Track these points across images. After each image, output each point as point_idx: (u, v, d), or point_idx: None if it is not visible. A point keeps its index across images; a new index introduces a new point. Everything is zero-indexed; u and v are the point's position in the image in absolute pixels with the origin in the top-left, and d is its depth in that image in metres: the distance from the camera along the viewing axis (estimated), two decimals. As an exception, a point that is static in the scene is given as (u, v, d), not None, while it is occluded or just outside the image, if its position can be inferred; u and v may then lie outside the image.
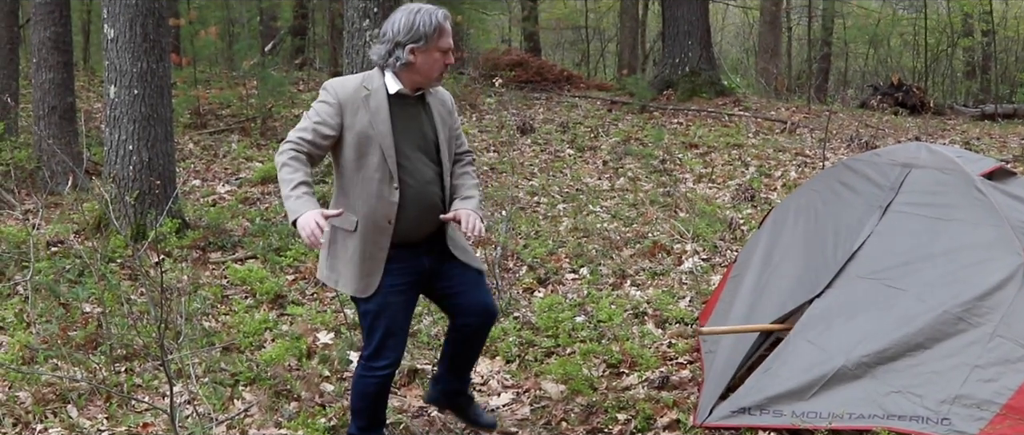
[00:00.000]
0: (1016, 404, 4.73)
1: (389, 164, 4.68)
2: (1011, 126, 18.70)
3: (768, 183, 12.22)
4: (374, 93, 4.71)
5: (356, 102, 4.67)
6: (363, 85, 4.72)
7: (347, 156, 4.69)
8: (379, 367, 4.84)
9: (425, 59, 4.69)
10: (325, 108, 4.65)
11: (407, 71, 4.72)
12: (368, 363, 4.87)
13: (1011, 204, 5.49)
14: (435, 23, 4.66)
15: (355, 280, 4.76)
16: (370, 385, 4.90)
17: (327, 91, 4.70)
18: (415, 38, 4.64)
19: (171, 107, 9.33)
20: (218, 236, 9.14)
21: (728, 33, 38.39)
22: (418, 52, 4.66)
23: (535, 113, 16.75)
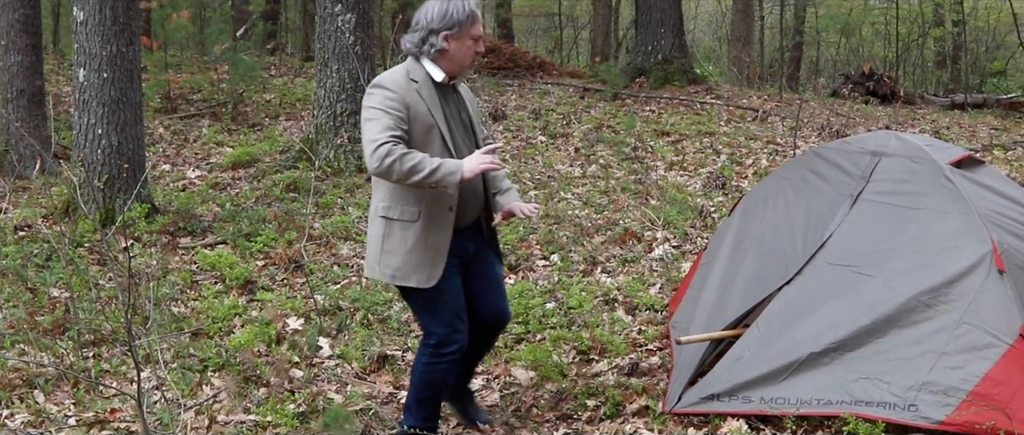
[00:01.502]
0: (982, 391, 4.75)
1: (451, 150, 4.72)
2: (980, 115, 18.81)
3: (739, 171, 12.25)
4: (422, 83, 4.74)
5: (410, 93, 4.68)
6: (410, 77, 4.73)
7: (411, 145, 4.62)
8: (450, 352, 4.86)
9: (458, 46, 4.73)
10: (391, 102, 4.60)
11: (442, 58, 4.75)
12: (438, 350, 4.86)
13: (979, 192, 5.52)
14: (468, 10, 4.70)
15: (419, 270, 4.74)
16: (440, 372, 4.92)
17: (383, 87, 4.65)
18: (449, 25, 4.68)
19: (141, 91, 9.26)
20: (188, 221, 9.09)
21: (701, 21, 38.46)
22: (452, 39, 4.70)
23: (507, 100, 16.72)
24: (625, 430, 5.30)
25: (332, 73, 10.82)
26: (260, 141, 12.75)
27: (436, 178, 4.49)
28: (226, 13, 22.10)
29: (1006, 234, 5.23)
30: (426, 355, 4.90)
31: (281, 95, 15.97)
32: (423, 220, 4.70)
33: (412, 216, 4.70)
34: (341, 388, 5.92)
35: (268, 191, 10.37)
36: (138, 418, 5.27)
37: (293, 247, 8.31)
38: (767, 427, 5.14)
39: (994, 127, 16.85)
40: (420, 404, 5.00)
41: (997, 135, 15.75)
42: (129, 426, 5.39)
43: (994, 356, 4.83)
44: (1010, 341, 4.84)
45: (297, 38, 23.80)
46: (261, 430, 5.35)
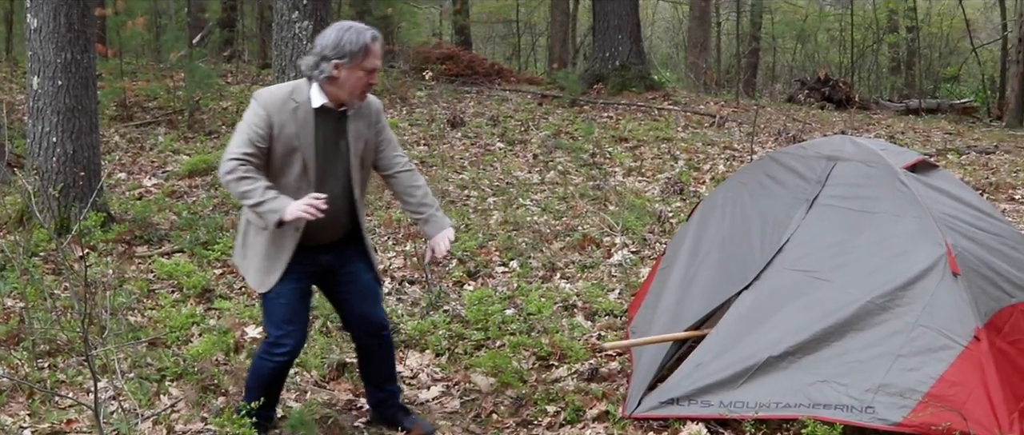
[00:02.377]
0: (938, 392, 4.80)
1: (309, 175, 4.85)
2: (934, 120, 19.04)
3: (697, 176, 12.31)
4: (301, 106, 4.80)
5: (284, 113, 4.76)
6: (292, 96, 4.80)
7: (271, 162, 4.81)
8: (278, 353, 4.97)
9: (348, 76, 4.76)
10: (255, 119, 4.73)
11: (331, 85, 4.79)
12: (270, 348, 5.00)
13: (933, 196, 5.58)
14: (362, 42, 4.73)
15: (256, 273, 4.95)
16: (266, 369, 5.05)
17: (257, 102, 4.77)
18: (340, 54, 4.71)
19: (96, 99, 9.18)
20: (144, 230, 9.01)
21: (658, 28, 38.60)
22: (342, 68, 4.73)
23: (466, 107, 16.72)
24: (585, 435, 5.32)
25: (290, 80, 10.76)
26: (217, 149, 12.66)
27: (258, 210, 4.71)
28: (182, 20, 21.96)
29: (960, 237, 5.29)
30: (262, 349, 5.09)
31: (238, 103, 15.87)
32: (270, 232, 4.84)
33: (262, 224, 4.84)
34: (300, 396, 5.89)
35: (225, 199, 10.29)
36: (95, 429, 5.22)
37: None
38: (726, 431, 5.17)
39: (948, 132, 17.05)
40: (248, 391, 5.14)
41: (951, 140, 15.93)
42: (85, 437, 5.35)
43: (949, 358, 4.89)
44: (965, 343, 4.90)
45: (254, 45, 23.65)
46: (220, 439, 5.31)
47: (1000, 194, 11.47)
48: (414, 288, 7.99)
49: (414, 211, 5.24)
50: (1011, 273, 5.35)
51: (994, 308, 5.10)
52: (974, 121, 20.52)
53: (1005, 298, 5.19)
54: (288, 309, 4.96)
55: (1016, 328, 5.11)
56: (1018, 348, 5.05)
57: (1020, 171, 13.02)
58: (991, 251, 5.38)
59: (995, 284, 5.20)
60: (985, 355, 4.85)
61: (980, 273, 5.18)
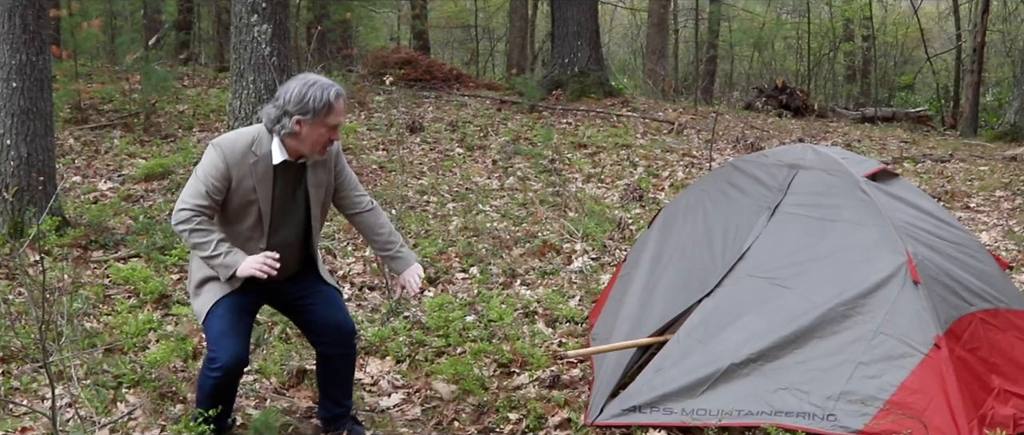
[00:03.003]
0: (899, 400, 4.83)
1: (263, 225, 4.84)
2: (890, 129, 19.20)
3: (656, 183, 12.34)
4: (261, 159, 4.75)
5: (244, 167, 4.72)
6: (252, 150, 4.74)
7: (225, 210, 4.80)
8: (215, 368, 4.85)
9: (310, 132, 4.71)
10: (214, 171, 4.68)
11: (292, 139, 4.75)
12: (207, 363, 4.91)
13: (894, 205, 5.62)
14: (326, 100, 4.67)
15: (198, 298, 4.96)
16: (206, 383, 4.94)
17: (216, 152, 4.70)
18: (303, 111, 4.65)
19: (51, 101, 9.06)
20: (100, 234, 8.91)
21: (616, 34, 38.71)
22: (304, 124, 4.68)
23: (424, 112, 16.68)
24: (547, 443, 5.30)
25: (248, 84, 10.70)
26: (174, 152, 12.56)
27: (212, 263, 4.76)
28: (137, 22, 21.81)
29: (920, 246, 5.32)
30: (203, 364, 5.02)
31: (195, 106, 15.75)
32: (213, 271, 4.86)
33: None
34: (260, 403, 5.84)
35: (183, 203, 10.20)
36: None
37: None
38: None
39: (903, 140, 17.19)
40: (198, 402, 5.06)
41: (906, 148, 16.06)
42: (41, 445, 5.27)
43: (910, 365, 4.92)
44: (925, 350, 4.93)
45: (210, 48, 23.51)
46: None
47: (956, 202, 11.57)
48: (374, 294, 7.95)
49: (381, 249, 5.28)
50: (970, 281, 5.38)
51: (954, 316, 5.13)
52: (929, 130, 20.71)
53: (965, 306, 5.22)
54: (224, 322, 4.85)
55: (975, 336, 5.14)
56: (977, 356, 5.08)
57: (975, 179, 13.15)
58: (951, 260, 5.42)
59: (955, 292, 5.24)
60: (945, 363, 4.88)
61: (940, 281, 5.21)
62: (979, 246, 5.96)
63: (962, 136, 19.20)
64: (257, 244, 4.83)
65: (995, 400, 4.94)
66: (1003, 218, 10.84)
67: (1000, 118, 19.87)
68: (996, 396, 4.96)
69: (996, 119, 20.85)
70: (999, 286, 5.60)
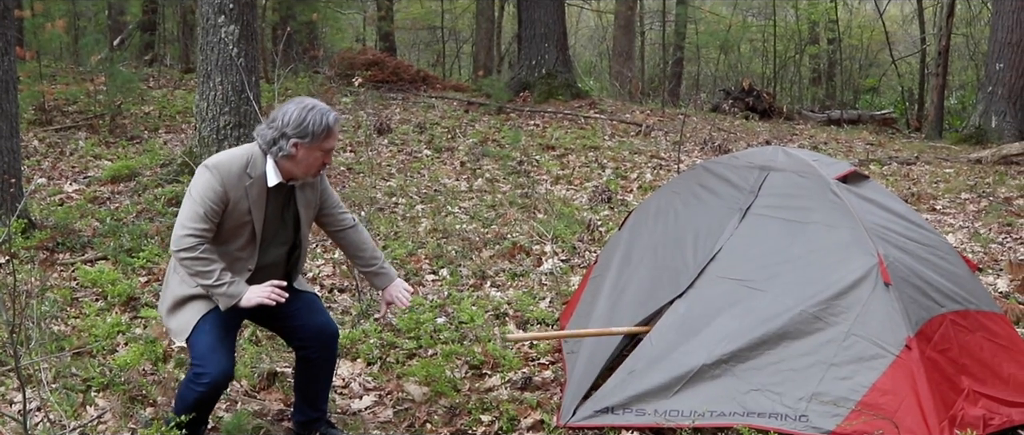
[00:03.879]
0: (871, 401, 4.85)
1: (255, 247, 4.85)
2: (855, 131, 19.33)
3: (625, 185, 12.37)
4: (256, 182, 4.75)
5: (240, 189, 4.71)
6: (247, 172, 4.73)
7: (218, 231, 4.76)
8: (202, 383, 4.79)
9: (307, 155, 4.73)
10: (211, 194, 4.65)
11: (287, 162, 4.75)
12: (194, 377, 4.83)
13: (865, 206, 5.64)
14: (325, 124, 4.69)
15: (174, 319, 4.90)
16: (189, 395, 4.87)
17: (212, 175, 4.66)
18: (301, 134, 4.66)
19: (16, 102, 8.97)
20: (66, 236, 8.83)
21: (582, 36, 38.77)
22: (301, 147, 4.69)
23: (392, 113, 16.64)
24: (520, 445, 5.30)
25: (215, 85, 10.62)
26: (140, 154, 12.48)
27: (215, 293, 4.73)
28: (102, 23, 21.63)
29: (891, 247, 5.35)
30: (187, 376, 4.92)
31: (160, 107, 15.67)
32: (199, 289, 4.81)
33: (191, 283, 4.82)
34: (231, 406, 5.80)
35: (150, 205, 10.14)
36: (20, 440, 5.11)
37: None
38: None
39: (869, 142, 17.31)
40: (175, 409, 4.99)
41: (872, 150, 16.17)
42: (9, 449, 5.22)
43: (881, 366, 4.94)
44: (896, 352, 4.95)
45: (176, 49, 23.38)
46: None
47: (922, 204, 11.65)
48: (344, 297, 7.92)
49: (365, 266, 5.29)
50: (941, 283, 5.41)
51: (925, 317, 5.16)
52: (894, 132, 20.86)
53: (935, 307, 5.25)
54: (211, 337, 4.82)
55: (946, 337, 5.17)
56: (948, 357, 5.11)
57: (941, 181, 13.25)
58: (921, 261, 5.45)
59: (926, 294, 5.27)
60: (916, 364, 4.90)
61: (911, 283, 5.24)
62: (949, 247, 6.00)
63: (927, 139, 19.35)
64: (246, 264, 4.83)
65: (965, 401, 4.97)
66: (969, 220, 10.92)
67: (964, 121, 20.02)
68: (966, 397, 4.99)
69: (960, 122, 21.01)
70: (968, 287, 5.63)
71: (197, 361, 4.81)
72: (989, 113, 17.88)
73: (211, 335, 4.82)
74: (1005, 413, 5.08)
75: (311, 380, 5.28)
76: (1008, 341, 5.53)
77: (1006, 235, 10.19)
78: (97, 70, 15.60)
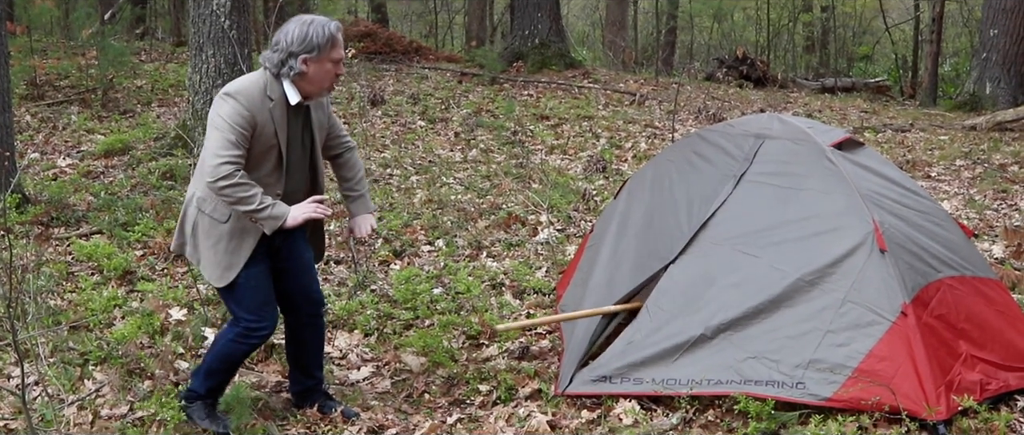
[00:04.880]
0: (867, 367, 4.86)
1: (282, 171, 4.84)
2: (850, 99, 19.31)
3: (619, 154, 12.36)
4: (277, 103, 4.76)
5: (264, 112, 4.71)
6: (267, 94, 4.74)
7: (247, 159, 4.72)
8: (256, 337, 4.94)
9: (318, 69, 4.75)
10: (239, 119, 4.63)
11: (301, 80, 4.77)
12: (245, 334, 4.92)
13: (860, 173, 5.64)
14: (328, 34, 4.72)
15: (213, 268, 4.86)
16: (238, 353, 5.00)
17: (237, 100, 4.65)
18: (308, 49, 4.69)
19: (8, 78, 8.94)
20: (61, 211, 8.82)
21: (574, 6, 38.63)
22: (311, 62, 4.72)
23: (385, 85, 16.60)
24: (519, 414, 5.30)
25: (208, 58, 10.57)
26: (133, 128, 12.45)
27: (260, 217, 4.69)
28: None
29: (886, 214, 5.36)
30: (232, 334, 4.99)
31: (153, 81, 15.62)
32: (231, 223, 4.81)
33: (222, 217, 4.81)
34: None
35: (144, 179, 10.12)
36: (20, 415, 5.12)
37: (172, 236, 8.12)
38: (659, 407, 5.18)
39: (863, 110, 17.30)
40: (210, 374, 5.08)
41: (867, 118, 16.16)
42: (8, 424, 5.21)
43: (878, 333, 4.95)
44: (892, 318, 4.96)
45: (167, 22, 23.28)
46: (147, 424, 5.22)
47: (917, 171, 11.65)
48: (340, 268, 7.93)
49: (348, 188, 5.32)
50: (936, 249, 5.42)
51: (920, 283, 5.17)
52: (888, 100, 20.82)
53: (932, 273, 5.26)
54: (261, 293, 4.91)
55: (942, 303, 5.18)
56: (944, 322, 5.12)
57: (935, 149, 13.25)
58: (917, 228, 5.46)
59: (922, 259, 5.28)
60: (912, 330, 4.91)
61: (907, 249, 5.25)
62: (944, 214, 6.01)
63: (921, 106, 19.33)
64: (275, 189, 4.80)
65: (962, 366, 4.99)
66: (964, 187, 10.93)
67: (958, 88, 20.02)
68: (963, 362, 5.01)
69: (954, 89, 21.00)
70: (964, 253, 5.64)
71: (250, 316, 4.89)
72: (983, 80, 17.86)
73: (261, 291, 4.91)
74: (1002, 378, 5.10)
75: (299, 347, 5.33)
76: (1004, 306, 5.55)
77: (1001, 201, 10.20)
78: (88, 44, 15.56)
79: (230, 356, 5.01)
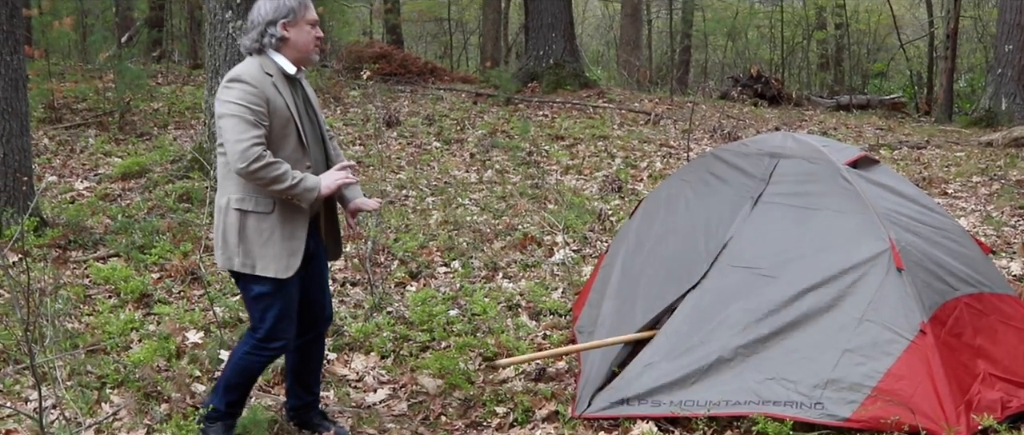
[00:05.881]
0: (886, 386, 4.84)
1: (304, 142, 4.79)
2: (865, 116, 19.28)
3: (635, 174, 12.35)
4: (276, 76, 4.74)
5: (269, 86, 4.68)
6: (264, 71, 4.71)
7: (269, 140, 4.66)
8: (274, 347, 4.90)
9: (297, 33, 4.77)
10: (253, 98, 4.59)
11: (285, 48, 4.77)
12: (264, 343, 4.87)
13: (876, 191, 5.63)
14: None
15: (277, 260, 4.76)
16: (257, 363, 4.96)
17: (244, 82, 4.61)
18: (284, 14, 4.72)
19: (27, 101, 8.99)
20: (78, 234, 8.85)
21: (589, 26, 38.72)
22: (289, 27, 4.73)
23: (400, 106, 16.65)
24: (536, 436, 5.30)
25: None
26: (150, 151, 12.50)
27: (296, 191, 4.63)
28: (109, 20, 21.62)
29: (903, 232, 5.34)
30: (249, 345, 4.93)
31: (170, 103, 15.69)
32: (278, 211, 4.74)
33: (267, 207, 4.73)
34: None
35: (161, 201, 10.16)
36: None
37: (189, 258, 8.15)
38: (677, 429, 5.17)
39: (879, 127, 17.27)
40: (229, 389, 5.03)
41: (882, 135, 16.13)
42: (26, 447, 5.23)
43: (896, 352, 4.93)
44: (911, 337, 4.94)
45: (184, 45, 23.39)
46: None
47: (934, 188, 11.62)
48: (356, 290, 7.93)
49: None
50: (954, 266, 5.40)
51: (938, 301, 5.14)
52: (903, 117, 20.79)
53: (949, 291, 5.24)
54: (285, 301, 4.85)
55: (960, 321, 5.16)
56: (962, 341, 5.10)
57: (952, 165, 13.21)
58: (934, 245, 5.44)
59: (939, 277, 5.25)
60: (931, 348, 4.89)
61: (924, 267, 5.23)
62: (961, 231, 5.98)
63: (937, 122, 19.29)
64: (301, 165, 4.76)
65: (981, 385, 4.96)
66: (981, 203, 10.90)
67: (974, 104, 19.97)
68: (982, 381, 4.98)
69: (970, 105, 20.95)
70: (982, 270, 5.62)
71: (270, 326, 4.83)
72: (999, 95, 17.82)
73: (288, 303, 4.87)
74: (1022, 396, 5.07)
75: (305, 363, 5.30)
76: (1023, 323, 5.52)
77: (1018, 218, 10.16)
78: (106, 67, 15.64)
79: (247, 369, 4.97)
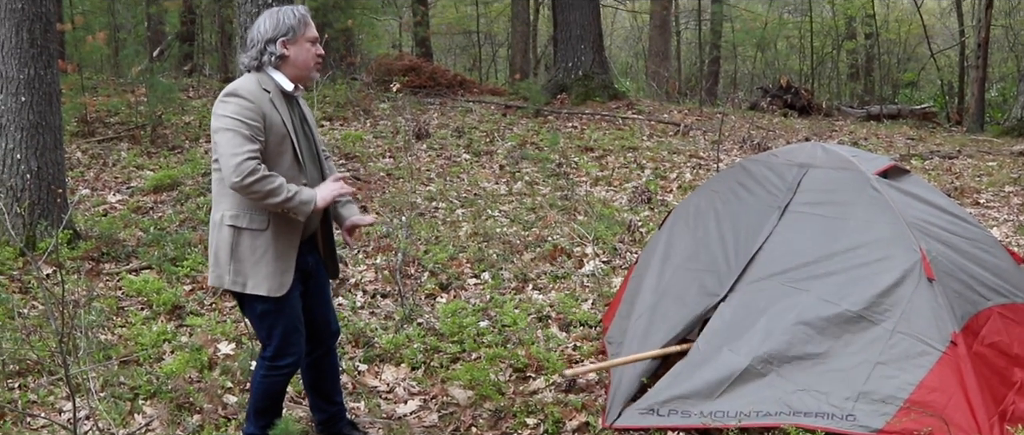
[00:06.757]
0: (918, 398, 4.82)
1: (300, 159, 4.78)
2: (896, 126, 19.17)
3: (664, 185, 12.33)
4: (274, 93, 4.74)
5: (266, 104, 4.66)
6: (262, 87, 4.70)
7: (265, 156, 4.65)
8: (286, 365, 4.88)
9: (297, 51, 4.77)
10: (249, 113, 4.58)
11: (285, 66, 4.78)
12: (272, 363, 4.88)
13: (906, 201, 5.61)
14: (299, 16, 4.77)
15: (271, 278, 4.73)
16: (275, 384, 4.95)
17: (240, 96, 4.60)
18: (284, 32, 4.72)
19: (60, 115, 9.07)
20: (111, 246, 8.91)
21: (617, 37, 38.71)
22: (289, 45, 4.74)
23: (429, 118, 16.67)
24: (566, 447, 5.30)
25: (255, 94, 10.67)
26: (181, 164, 12.57)
27: (292, 205, 4.60)
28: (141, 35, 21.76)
29: (934, 242, 5.32)
30: (263, 368, 4.93)
31: (201, 117, 15.75)
32: (272, 228, 4.72)
33: (261, 224, 4.71)
34: (276, 413, 5.83)
35: (192, 214, 10.22)
36: (70, 450, 5.16)
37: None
38: (707, 440, 5.16)
39: (910, 137, 17.17)
40: (259, 414, 5.04)
41: (913, 145, 16.04)
42: (60, 458, 5.27)
43: (928, 363, 4.91)
44: (942, 348, 4.92)
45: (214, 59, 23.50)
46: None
47: (966, 198, 11.56)
48: (387, 301, 7.95)
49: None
50: (985, 276, 5.38)
51: (970, 312, 5.13)
52: (934, 126, 20.67)
53: (981, 301, 5.22)
54: (295, 317, 4.86)
55: (993, 331, 5.14)
56: (996, 351, 5.07)
57: (983, 175, 13.14)
58: (965, 255, 5.42)
59: (970, 288, 5.23)
60: (963, 359, 4.87)
61: (955, 277, 5.21)
62: (993, 241, 5.95)
63: (968, 132, 19.18)
64: (299, 182, 4.75)
65: (1016, 395, 4.94)
66: (1013, 213, 10.83)
67: (1006, 113, 19.84)
68: (1017, 391, 4.96)
69: (1001, 114, 20.82)
70: (1014, 280, 5.60)
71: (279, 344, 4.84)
72: (1031, 105, 17.71)
73: (293, 318, 4.86)
74: (1056, 407, 5.04)
75: (317, 377, 5.32)
76: (1057, 334, 5.49)
77: (1051, 228, 10.09)
78: (137, 81, 15.73)
79: (268, 391, 4.97)
